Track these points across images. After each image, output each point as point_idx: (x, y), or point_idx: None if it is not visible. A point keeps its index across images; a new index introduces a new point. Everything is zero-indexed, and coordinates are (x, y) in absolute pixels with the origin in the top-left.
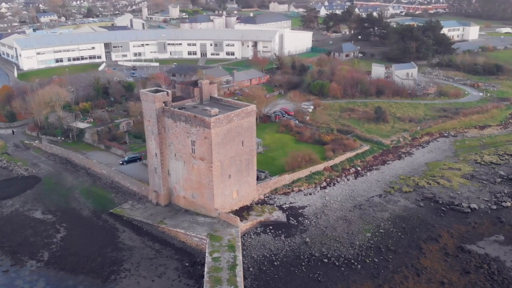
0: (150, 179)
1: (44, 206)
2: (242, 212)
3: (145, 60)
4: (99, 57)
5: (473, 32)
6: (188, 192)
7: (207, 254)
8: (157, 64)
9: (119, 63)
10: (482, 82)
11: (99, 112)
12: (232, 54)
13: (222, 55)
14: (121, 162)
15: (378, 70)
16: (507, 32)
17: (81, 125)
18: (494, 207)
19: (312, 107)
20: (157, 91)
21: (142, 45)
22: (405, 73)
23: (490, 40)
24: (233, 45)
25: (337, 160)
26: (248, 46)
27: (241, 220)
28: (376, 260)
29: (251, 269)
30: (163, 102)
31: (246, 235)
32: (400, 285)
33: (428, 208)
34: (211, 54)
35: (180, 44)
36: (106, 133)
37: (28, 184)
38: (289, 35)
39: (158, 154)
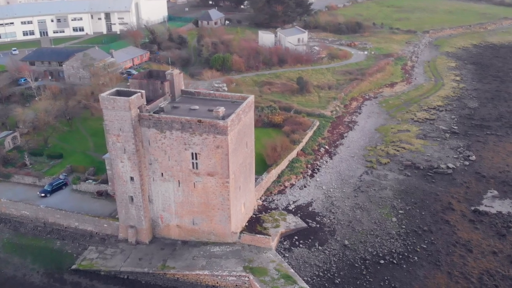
0: (120, 212)
1: None
2: (255, 227)
3: None
4: None
5: None
6: (185, 219)
7: None
8: None
9: None
10: (357, 41)
11: None
12: (81, 29)
13: (69, 32)
14: (42, 194)
15: (266, 38)
16: None
17: None
18: (467, 162)
19: (224, 84)
20: (120, 94)
21: None
22: (296, 39)
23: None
24: (81, 19)
25: (304, 142)
26: (99, 18)
27: None
28: (424, 246)
29: None
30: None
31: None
32: (464, 266)
33: (416, 176)
34: (54, 32)
35: (12, 23)
36: None
37: None
38: (145, 3)
39: (136, 178)
